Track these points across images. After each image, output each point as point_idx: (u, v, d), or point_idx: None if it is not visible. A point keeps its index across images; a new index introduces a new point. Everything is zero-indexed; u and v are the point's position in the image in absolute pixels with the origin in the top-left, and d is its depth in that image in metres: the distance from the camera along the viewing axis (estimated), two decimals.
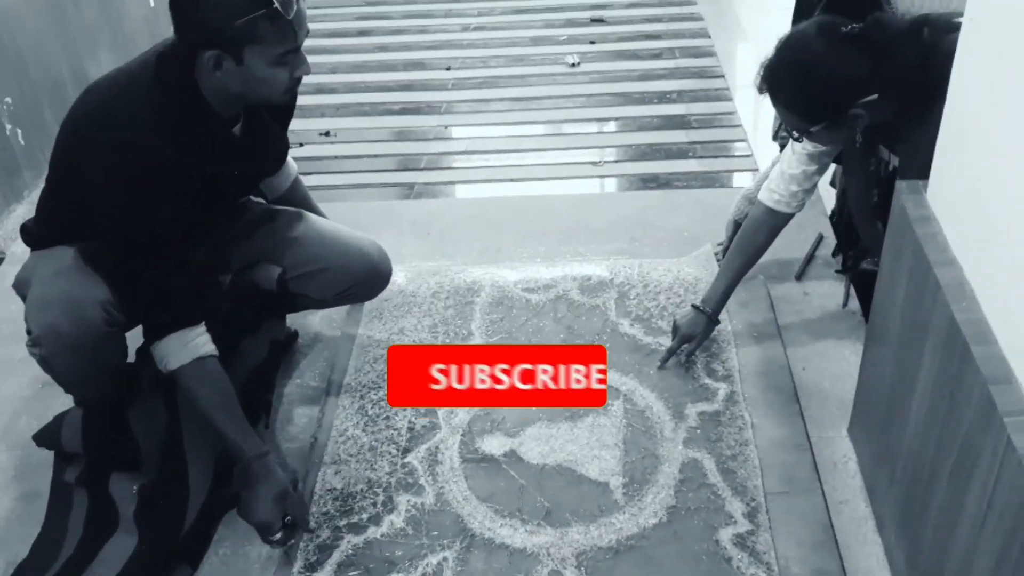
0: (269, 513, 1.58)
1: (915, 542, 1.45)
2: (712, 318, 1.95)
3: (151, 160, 1.51)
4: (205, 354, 1.62)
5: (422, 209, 2.65)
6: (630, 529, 1.64)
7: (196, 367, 1.61)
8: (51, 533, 1.67)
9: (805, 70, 1.58)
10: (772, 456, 1.75)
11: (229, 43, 1.48)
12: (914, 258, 1.38)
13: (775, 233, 1.95)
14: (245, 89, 1.55)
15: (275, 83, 1.54)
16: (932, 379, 1.33)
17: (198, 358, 1.61)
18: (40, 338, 1.61)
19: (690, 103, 3.22)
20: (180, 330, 1.60)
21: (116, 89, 1.56)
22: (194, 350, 1.61)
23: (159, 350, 1.61)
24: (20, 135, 2.66)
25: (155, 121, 1.52)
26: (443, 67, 3.60)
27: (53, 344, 1.60)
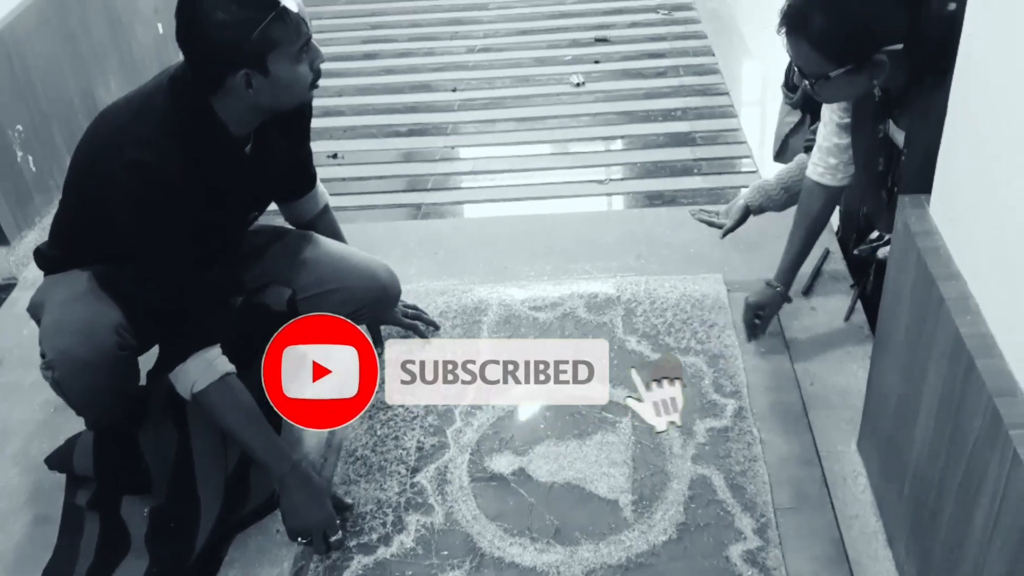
0: (322, 513, 1.63)
1: (925, 557, 1.44)
2: (783, 294, 1.99)
3: (167, 181, 1.53)
4: (227, 371, 1.64)
5: (429, 229, 2.67)
6: (640, 546, 1.64)
7: (221, 386, 1.62)
8: (63, 557, 1.68)
9: (840, 4, 1.54)
10: (781, 471, 1.75)
11: (252, 58, 1.49)
12: (917, 272, 1.38)
13: (830, 204, 1.95)
14: (275, 98, 1.56)
15: (301, 80, 1.56)
16: (938, 393, 1.33)
17: (222, 376, 1.62)
18: (54, 361, 1.62)
19: (695, 120, 3.24)
20: (200, 351, 1.62)
21: (131, 112, 1.58)
22: (217, 369, 1.62)
23: (184, 372, 1.62)
24: (31, 161, 2.69)
25: (170, 143, 1.54)
26: (449, 89, 3.63)
27: (67, 367, 1.61)
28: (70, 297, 1.65)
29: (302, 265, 1.90)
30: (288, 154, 1.80)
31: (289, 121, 1.73)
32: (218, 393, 1.62)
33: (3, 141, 2.59)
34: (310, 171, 1.94)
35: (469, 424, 1.91)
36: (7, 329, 2.28)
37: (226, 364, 1.64)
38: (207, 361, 1.62)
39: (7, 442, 1.98)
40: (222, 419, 1.65)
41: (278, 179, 1.84)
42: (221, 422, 1.66)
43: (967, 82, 1.29)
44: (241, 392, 1.65)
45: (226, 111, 1.57)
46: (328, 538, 1.65)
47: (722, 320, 2.12)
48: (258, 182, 1.74)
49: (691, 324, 2.12)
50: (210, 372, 1.62)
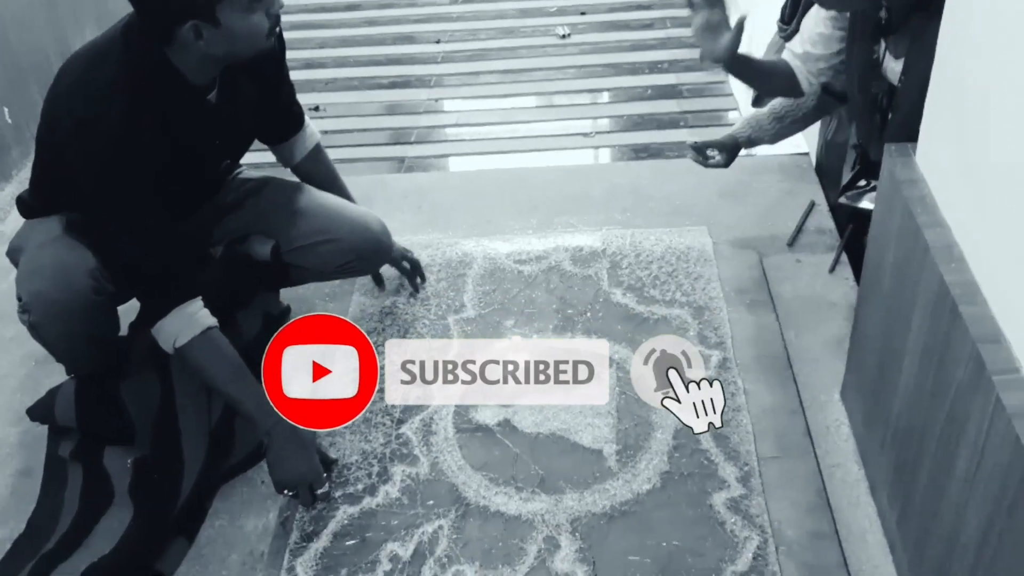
0: (308, 465, 1.63)
1: (906, 504, 1.46)
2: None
3: (117, 136, 1.49)
4: (209, 325, 1.62)
5: (413, 182, 2.64)
6: (624, 495, 1.65)
7: (204, 340, 1.61)
8: (46, 508, 1.67)
9: None
10: (765, 422, 1.76)
11: (199, 9, 1.45)
12: (903, 220, 1.38)
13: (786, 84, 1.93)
14: (230, 49, 1.53)
15: (255, 30, 1.52)
16: (922, 340, 1.33)
17: (204, 330, 1.61)
18: (29, 304, 1.61)
19: (681, 73, 3.22)
20: (180, 304, 1.60)
21: (84, 65, 1.54)
22: (199, 323, 1.61)
23: (166, 327, 1.61)
24: (7, 113, 2.65)
25: (123, 97, 1.50)
26: (433, 40, 3.58)
27: (42, 311, 1.61)
28: (46, 240, 1.64)
29: (293, 215, 1.88)
30: (262, 98, 1.75)
31: (258, 66, 1.68)
32: (201, 347, 1.61)
33: None
34: (294, 112, 1.91)
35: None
36: None
37: (208, 318, 1.62)
38: (189, 315, 1.61)
39: None
40: (206, 373, 1.64)
41: (254, 124, 1.80)
42: (205, 376, 1.65)
43: (954, 28, 1.28)
44: (224, 345, 1.64)
45: (181, 61, 1.54)
46: (314, 490, 1.65)
47: (707, 272, 2.12)
48: (228, 130, 1.71)
49: (676, 276, 2.11)
50: (192, 326, 1.60)
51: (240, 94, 1.69)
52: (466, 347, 1.92)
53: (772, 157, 2.55)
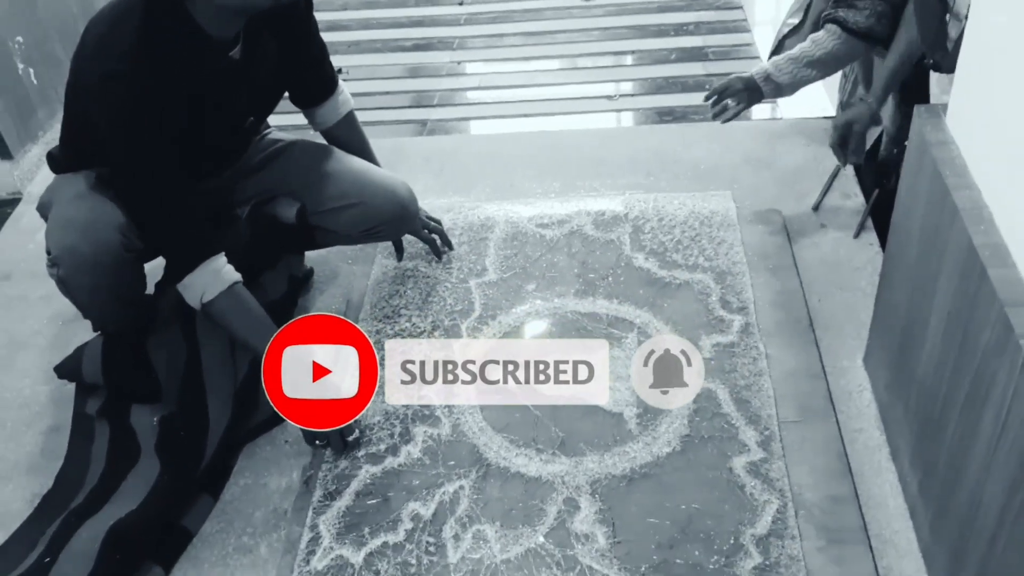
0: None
1: (928, 469, 1.45)
2: (872, 107, 1.96)
3: (141, 92, 1.50)
4: (235, 280, 1.64)
5: (435, 146, 2.63)
6: (644, 457, 1.65)
7: (230, 295, 1.64)
8: (75, 464, 1.70)
9: None
10: (786, 386, 1.76)
11: None
12: (931, 182, 1.36)
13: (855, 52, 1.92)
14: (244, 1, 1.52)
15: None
16: (948, 303, 1.32)
17: (230, 286, 1.63)
18: (58, 258, 1.63)
19: (707, 35, 3.17)
20: (205, 260, 1.62)
21: (109, 21, 1.55)
22: (225, 278, 1.63)
23: (192, 283, 1.62)
24: (32, 74, 2.66)
25: (145, 52, 1.51)
26: (456, 2, 3.54)
27: (71, 264, 1.62)
28: (75, 195, 1.65)
29: (321, 178, 1.88)
30: (287, 56, 1.75)
31: (282, 21, 1.68)
32: (228, 302, 1.63)
33: (3, 53, 2.55)
34: (326, 74, 1.90)
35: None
36: (14, 243, 2.28)
37: (233, 273, 1.64)
38: (214, 271, 1.62)
39: (18, 354, 1.99)
40: (233, 327, 1.66)
41: (280, 83, 1.80)
42: (232, 330, 1.67)
43: None
44: (250, 299, 1.66)
45: (200, 13, 1.53)
46: (345, 437, 1.67)
47: (731, 237, 2.10)
48: (253, 87, 1.71)
49: (699, 241, 2.10)
50: (218, 282, 1.62)
51: (265, 50, 1.69)
52: (466, 346, 1.90)
53: (798, 121, 2.52)
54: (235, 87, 1.67)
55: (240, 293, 1.65)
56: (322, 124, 1.95)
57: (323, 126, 1.96)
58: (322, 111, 1.93)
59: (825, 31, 1.95)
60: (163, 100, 1.53)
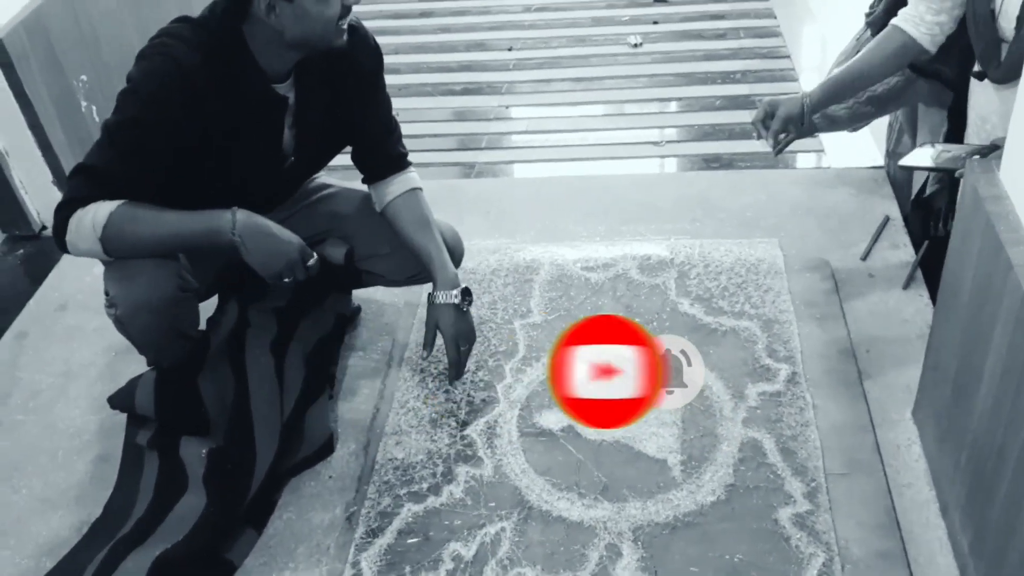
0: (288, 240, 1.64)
1: (980, 527, 1.42)
2: (806, 105, 1.90)
3: (182, 69, 1.52)
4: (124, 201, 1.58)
5: (482, 188, 2.67)
6: (688, 506, 1.64)
7: (124, 208, 1.56)
8: (123, 494, 1.73)
9: None
10: (834, 438, 1.74)
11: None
12: (985, 237, 1.35)
13: (903, 56, 1.82)
14: (301, 30, 1.55)
15: (327, 13, 1.54)
16: (1002, 360, 1.30)
17: (120, 203, 1.57)
18: (116, 299, 1.65)
19: (754, 83, 3.18)
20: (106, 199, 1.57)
21: (177, 24, 1.60)
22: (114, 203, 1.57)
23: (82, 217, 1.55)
24: (95, 112, 2.74)
25: (199, 53, 1.55)
26: (504, 48, 3.60)
27: (128, 305, 1.64)
28: None
29: (370, 225, 1.89)
30: (340, 111, 1.76)
31: (341, 73, 1.71)
32: (124, 213, 1.56)
33: (68, 91, 2.64)
34: (386, 150, 1.86)
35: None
36: (71, 275, 2.34)
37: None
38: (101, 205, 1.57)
39: (71, 383, 2.04)
40: (143, 232, 1.58)
41: (329, 134, 1.80)
42: (143, 235, 1.58)
43: None
44: (142, 204, 1.59)
45: (255, 41, 1.57)
46: (307, 262, 1.67)
47: (777, 285, 2.10)
48: (297, 129, 1.72)
49: (745, 288, 2.10)
50: (107, 205, 1.56)
51: (318, 96, 1.71)
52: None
53: (846, 171, 2.52)
54: (275, 122, 1.69)
55: (133, 204, 1.57)
56: (378, 202, 1.88)
57: (379, 204, 1.88)
58: (379, 187, 1.87)
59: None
60: (195, 96, 1.54)
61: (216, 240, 1.61)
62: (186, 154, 1.60)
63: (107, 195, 1.57)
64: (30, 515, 1.75)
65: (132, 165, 1.58)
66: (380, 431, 1.84)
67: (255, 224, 1.62)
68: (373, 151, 1.86)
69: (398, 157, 1.88)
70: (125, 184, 1.58)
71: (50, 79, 2.57)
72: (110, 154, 1.58)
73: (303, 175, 1.89)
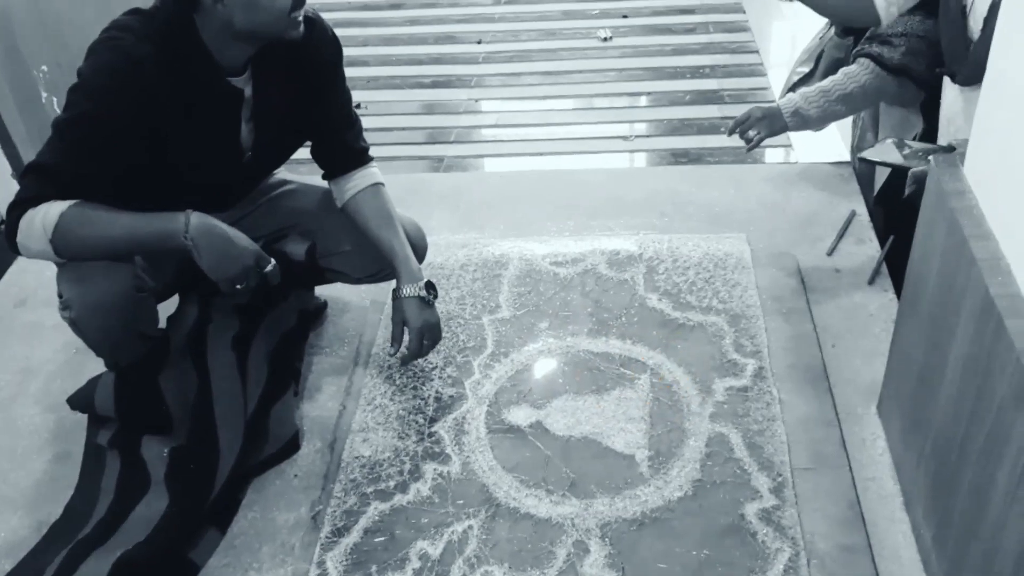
0: (244, 246, 1.62)
1: (943, 520, 1.43)
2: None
3: (131, 64, 1.49)
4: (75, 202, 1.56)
5: (451, 182, 2.65)
6: (655, 502, 1.64)
7: (76, 208, 1.53)
8: (84, 494, 1.70)
9: None
10: (800, 432, 1.74)
11: None
12: (948, 232, 1.36)
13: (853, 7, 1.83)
14: (249, 20, 1.51)
15: (278, 5, 1.51)
16: (964, 354, 1.31)
17: (72, 204, 1.54)
18: (70, 301, 1.61)
19: (723, 78, 3.20)
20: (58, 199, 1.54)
21: (128, 16, 1.57)
22: (64, 204, 1.54)
23: (32, 218, 1.52)
24: (56, 103, 2.70)
25: (151, 44, 1.52)
26: (474, 41, 3.59)
27: (83, 307, 1.61)
28: None
29: (331, 223, 1.87)
30: (299, 104, 1.73)
31: (300, 65, 1.68)
32: (75, 215, 1.53)
33: (28, 81, 2.60)
34: (344, 146, 1.83)
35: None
36: (30, 270, 2.30)
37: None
38: (52, 205, 1.54)
39: (30, 381, 2.00)
40: (92, 233, 1.54)
41: (288, 128, 1.76)
42: (94, 236, 1.54)
43: (1006, 35, 1.26)
44: (97, 205, 1.55)
45: (206, 31, 1.54)
46: (262, 268, 1.64)
47: (745, 280, 2.10)
48: (255, 123, 1.69)
49: (713, 283, 2.10)
50: (57, 206, 1.53)
51: (277, 89, 1.68)
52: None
53: (813, 166, 2.53)
54: (231, 115, 1.66)
55: (83, 204, 1.53)
56: (339, 198, 1.85)
57: (340, 200, 1.85)
58: (340, 182, 1.85)
59: (858, 65, 1.96)
60: (147, 89, 1.51)
61: (169, 243, 1.58)
62: (140, 149, 1.56)
63: (58, 194, 1.54)
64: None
65: (84, 162, 1.54)
66: (347, 429, 1.82)
67: (209, 227, 1.58)
68: (333, 146, 1.83)
69: (359, 152, 1.85)
70: (77, 182, 1.54)
71: (9, 69, 2.52)
72: (61, 151, 1.54)
73: (262, 171, 1.86)
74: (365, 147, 1.86)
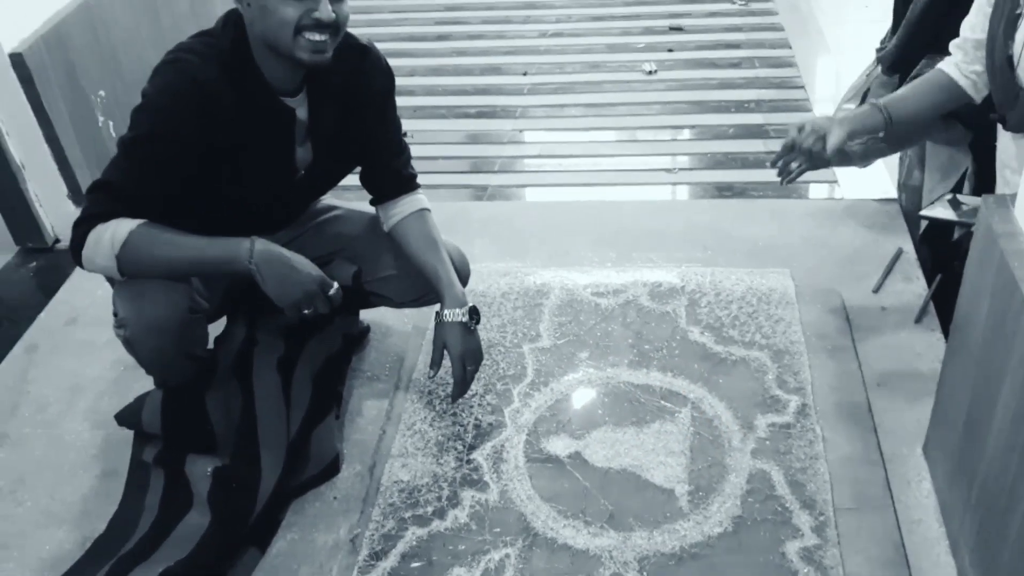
0: (307, 271, 1.64)
1: (990, 567, 1.40)
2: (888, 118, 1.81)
3: (193, 80, 1.53)
4: (142, 222, 1.59)
5: (494, 211, 2.67)
6: (694, 537, 1.62)
7: (143, 228, 1.57)
8: (128, 510, 1.72)
9: None
10: (843, 471, 1.72)
11: None
12: (999, 274, 1.34)
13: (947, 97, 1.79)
14: (263, 27, 1.53)
15: (282, 15, 1.50)
16: (1015, 398, 1.29)
17: (139, 223, 1.57)
18: (126, 320, 1.64)
19: (768, 113, 3.19)
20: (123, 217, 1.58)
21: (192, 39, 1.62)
22: (133, 223, 1.57)
23: (100, 235, 1.56)
24: (112, 127, 2.76)
25: (212, 68, 1.56)
26: (519, 72, 3.62)
27: (138, 327, 1.64)
28: None
29: (375, 244, 1.89)
30: (350, 130, 1.76)
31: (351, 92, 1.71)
32: (144, 234, 1.57)
33: (86, 106, 2.66)
34: (392, 172, 1.85)
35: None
36: (82, 289, 2.35)
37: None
38: (124, 222, 1.57)
39: (79, 398, 2.04)
40: (158, 253, 1.58)
41: (340, 152, 1.79)
42: (159, 256, 1.58)
43: None
44: (160, 225, 1.59)
45: (256, 50, 1.58)
46: (327, 292, 1.66)
47: (789, 316, 2.09)
48: (314, 148, 1.72)
49: (756, 318, 2.09)
50: (127, 224, 1.57)
51: (330, 113, 1.71)
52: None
53: (859, 203, 2.51)
54: (286, 134, 1.68)
55: (150, 224, 1.57)
56: (386, 223, 1.87)
57: (386, 224, 1.87)
58: (387, 208, 1.86)
59: None
60: (207, 108, 1.55)
61: (233, 267, 1.61)
62: (201, 167, 1.60)
63: (125, 210, 1.58)
64: (34, 529, 1.74)
65: (148, 180, 1.58)
66: (386, 453, 1.83)
67: (272, 254, 1.62)
68: (382, 171, 1.86)
69: (407, 178, 1.88)
70: (142, 199, 1.59)
71: (68, 94, 2.59)
72: (124, 169, 1.59)
73: (313, 191, 1.89)
74: (413, 174, 1.89)
